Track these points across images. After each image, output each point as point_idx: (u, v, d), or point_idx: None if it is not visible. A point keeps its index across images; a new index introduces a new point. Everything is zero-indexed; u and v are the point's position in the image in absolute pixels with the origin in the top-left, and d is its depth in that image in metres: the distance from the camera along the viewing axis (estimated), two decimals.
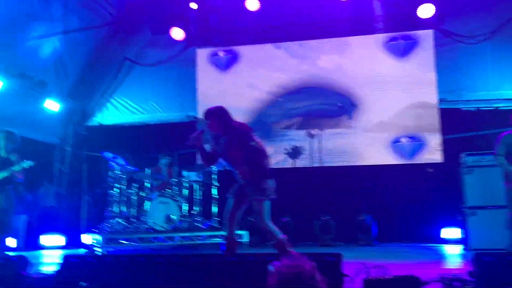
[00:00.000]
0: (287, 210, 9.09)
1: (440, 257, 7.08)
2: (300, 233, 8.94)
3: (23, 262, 3.68)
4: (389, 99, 9.64)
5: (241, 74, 10.40)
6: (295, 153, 10.02)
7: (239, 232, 8.07)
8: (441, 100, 9.40)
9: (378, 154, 9.58)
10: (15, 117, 9.32)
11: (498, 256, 3.54)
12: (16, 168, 6.16)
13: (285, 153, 10.03)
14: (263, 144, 5.10)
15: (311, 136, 10.00)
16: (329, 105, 9.98)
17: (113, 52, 11.08)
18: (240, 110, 10.16)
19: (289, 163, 9.97)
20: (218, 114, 5.07)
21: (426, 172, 9.29)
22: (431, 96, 9.40)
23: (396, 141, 9.53)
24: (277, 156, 9.90)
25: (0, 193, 6.17)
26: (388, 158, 9.51)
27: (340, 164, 9.69)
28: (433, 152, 9.31)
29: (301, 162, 9.95)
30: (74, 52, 10.51)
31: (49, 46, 9.83)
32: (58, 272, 3.63)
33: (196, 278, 3.31)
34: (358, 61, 9.96)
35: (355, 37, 10.05)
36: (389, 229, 9.04)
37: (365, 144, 9.65)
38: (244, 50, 10.49)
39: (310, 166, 9.85)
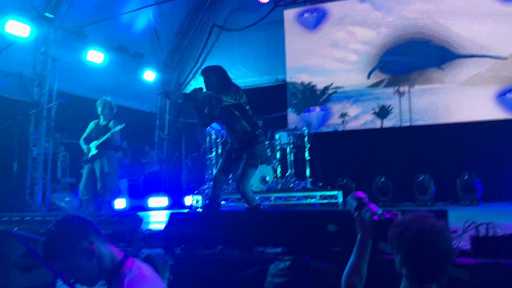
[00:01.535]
0: (383, 171, 8.84)
1: None
2: (398, 194, 8.69)
3: (136, 220, 4.00)
4: (489, 47, 8.72)
5: (328, 33, 10.07)
6: (383, 112, 9.59)
7: (333, 192, 8.07)
8: None
9: (479, 109, 8.82)
10: (116, 88, 10.00)
11: None
12: (115, 129, 6.59)
13: (372, 113, 9.64)
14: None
15: (400, 93, 9.49)
16: (418, 59, 9.30)
17: (202, 20, 11.34)
18: (328, 70, 9.95)
19: (377, 124, 9.58)
20: (216, 72, 4.85)
21: None
22: None
23: (502, 94, 8.74)
24: (364, 116, 9.58)
25: (103, 158, 6.64)
26: (493, 113, 8.76)
27: (432, 122, 9.09)
28: None
29: (389, 122, 9.49)
30: (166, 23, 10.91)
31: (143, 19, 10.30)
32: (166, 228, 3.90)
33: (293, 232, 3.38)
34: (452, 6, 9.09)
35: None
36: (495, 188, 8.43)
37: (461, 99, 8.92)
38: (331, 7, 10.12)
39: (399, 126, 9.38)
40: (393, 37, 9.50)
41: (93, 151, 6.67)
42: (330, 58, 9.97)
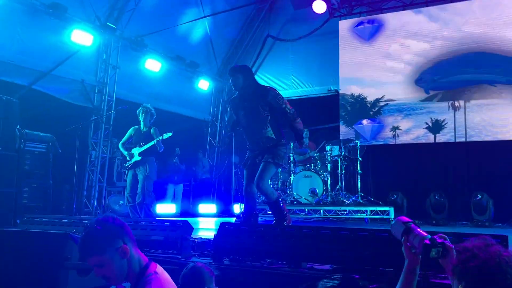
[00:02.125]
0: (437, 187, 8.54)
1: None
2: (454, 213, 8.35)
3: (187, 227, 4.08)
4: None
5: (383, 44, 9.89)
6: (436, 127, 9.26)
7: (385, 208, 7.87)
8: None
9: None
10: (172, 96, 10.31)
11: None
12: (162, 137, 6.70)
13: (425, 127, 9.34)
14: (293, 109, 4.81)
15: (455, 108, 9.13)
16: (476, 73, 8.92)
17: (257, 31, 11.48)
18: (380, 82, 9.76)
19: (430, 138, 9.26)
20: (242, 72, 4.78)
21: None
22: None
23: None
24: (416, 131, 9.30)
25: (146, 164, 6.74)
26: None
27: (489, 139, 8.67)
28: None
29: (443, 137, 9.13)
30: (221, 33, 11.12)
31: (199, 29, 10.56)
32: (215, 237, 3.95)
33: (342, 249, 3.32)
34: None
35: None
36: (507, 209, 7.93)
37: None
38: (387, 18, 9.94)
39: (454, 141, 9.01)
40: (447, 50, 9.19)
41: (136, 158, 6.78)
42: (383, 69, 9.78)
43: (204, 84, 11.15)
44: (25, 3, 7.38)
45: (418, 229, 2.01)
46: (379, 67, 9.82)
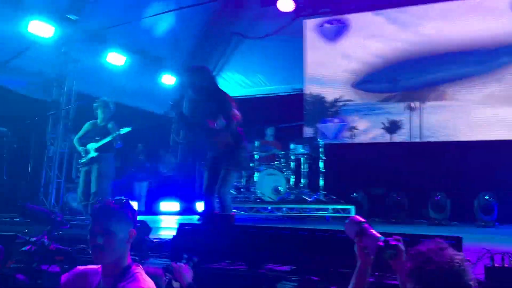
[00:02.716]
0: (397, 187, 8.72)
1: None
2: (412, 212, 8.55)
3: (145, 228, 3.99)
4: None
5: (346, 44, 10.01)
6: (393, 127, 9.48)
7: (346, 206, 7.98)
8: None
9: (493, 129, 8.65)
10: (136, 91, 10.07)
11: None
12: (120, 132, 6.48)
13: (382, 128, 9.54)
14: (240, 116, 4.80)
15: (411, 109, 9.35)
16: (433, 75, 9.19)
17: (223, 27, 11.36)
18: (340, 82, 9.91)
19: (386, 138, 9.48)
20: (202, 72, 4.77)
21: None
22: None
23: None
24: (373, 131, 9.51)
25: (102, 160, 6.51)
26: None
27: (444, 139, 8.96)
28: None
29: (399, 138, 9.38)
30: (187, 28, 10.95)
31: (164, 23, 10.36)
32: (173, 238, 3.88)
33: (301, 250, 3.32)
34: (478, 24, 8.92)
35: None
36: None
37: (475, 118, 8.77)
38: (353, 19, 10.05)
39: (408, 141, 9.27)
40: (406, 52, 9.40)
41: (92, 154, 6.54)
42: (343, 70, 9.92)
43: (169, 79, 10.96)
44: None
45: (372, 230, 2.00)
46: (341, 66, 9.94)
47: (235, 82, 11.54)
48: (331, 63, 10.05)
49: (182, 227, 3.88)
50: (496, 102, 8.68)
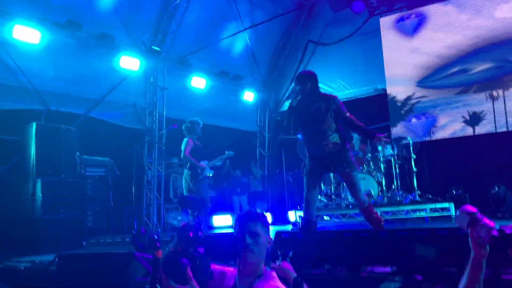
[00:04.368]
0: (498, 180, 8.15)
1: None
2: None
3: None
4: None
5: (425, 38, 9.62)
6: (475, 119, 8.87)
7: (445, 204, 7.60)
8: None
9: None
10: (219, 110, 10.49)
11: None
12: (228, 154, 6.82)
13: (462, 121, 8.97)
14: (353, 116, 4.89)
15: (494, 98, 8.69)
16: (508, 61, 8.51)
17: (297, 37, 11.49)
18: (419, 78, 9.55)
19: (468, 131, 8.90)
20: (311, 79, 4.84)
21: None
22: None
23: None
24: (453, 126, 9.02)
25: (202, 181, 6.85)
26: None
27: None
28: None
29: (483, 129, 8.75)
30: (262, 43, 11.23)
31: (240, 42, 10.72)
32: (271, 246, 3.96)
33: (404, 251, 3.25)
34: None
35: None
36: None
37: None
38: (428, 11, 9.66)
39: (494, 132, 8.62)
40: (480, 39, 8.84)
41: (210, 173, 6.97)
42: (420, 65, 9.57)
43: (249, 96, 11.27)
44: (76, 37, 7.80)
45: (485, 219, 1.89)
46: (419, 62, 9.59)
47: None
48: (410, 59, 9.73)
49: (278, 235, 3.97)
50: None
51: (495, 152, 8.65)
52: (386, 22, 10.15)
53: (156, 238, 2.14)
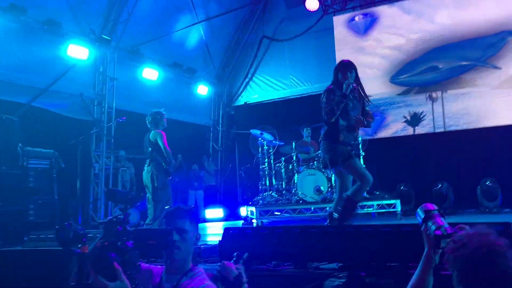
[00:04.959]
0: (443, 176, 8.50)
1: None
2: (459, 201, 8.32)
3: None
4: None
5: (375, 38, 9.89)
6: (415, 120, 9.25)
7: (391, 201, 7.84)
8: None
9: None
10: (171, 103, 10.30)
11: None
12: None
13: (404, 121, 9.34)
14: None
15: (433, 99, 9.09)
16: (450, 63, 8.98)
17: (252, 32, 11.47)
18: (368, 77, 9.80)
19: (409, 131, 9.28)
20: (355, 67, 4.91)
21: None
22: None
23: None
24: (395, 125, 9.39)
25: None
26: None
27: (467, 127, 8.73)
28: None
29: (422, 129, 9.16)
30: (217, 37, 11.13)
31: (194, 35, 10.57)
32: (220, 243, 3.94)
33: (349, 247, 3.30)
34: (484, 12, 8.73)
35: None
36: None
37: (497, 103, 8.50)
38: (381, 12, 9.91)
39: (433, 132, 9.06)
40: (422, 43, 9.25)
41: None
42: (369, 65, 9.86)
43: (202, 89, 11.16)
44: (20, 21, 7.41)
45: (438, 218, 1.99)
46: (368, 62, 9.88)
47: (268, 86, 11.59)
48: (360, 59, 9.97)
49: (227, 231, 3.94)
50: None
51: (437, 151, 9.02)
52: (339, 20, 10.31)
53: (82, 232, 2.07)
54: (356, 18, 10.16)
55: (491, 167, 8.59)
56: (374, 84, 9.75)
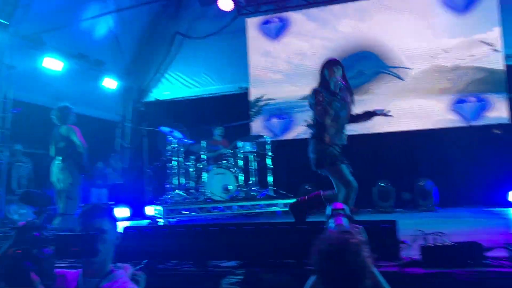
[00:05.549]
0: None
1: (506, 222, 6.73)
2: (358, 199, 8.82)
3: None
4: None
5: (291, 42, 10.21)
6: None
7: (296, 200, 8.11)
8: (508, 56, 8.76)
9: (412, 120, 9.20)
10: (77, 96, 9.76)
11: None
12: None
13: (305, 125, 9.81)
14: None
15: None
16: (352, 71, 9.51)
17: (165, 28, 11.23)
18: (275, 80, 10.15)
19: (308, 135, 9.76)
20: (342, 67, 4.77)
21: (490, 134, 8.76)
22: (496, 54, 8.78)
23: (459, 102, 9.05)
24: (297, 128, 9.89)
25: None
26: (444, 121, 9.08)
27: (366, 132, 9.15)
28: (500, 112, 8.77)
29: None
30: (128, 30, 10.74)
31: (103, 25, 10.11)
32: (119, 243, 3.80)
33: (248, 245, 3.36)
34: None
35: None
36: (451, 194, 8.69)
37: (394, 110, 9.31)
38: (295, 17, 10.23)
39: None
40: (326, 49, 9.72)
41: None
42: (277, 68, 10.22)
43: (111, 83, 10.71)
44: None
45: (340, 217, 2.09)
46: (277, 65, 10.23)
47: (180, 83, 11.45)
48: (271, 62, 10.29)
49: (126, 230, 3.82)
50: (410, 95, 9.23)
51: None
52: (253, 23, 10.48)
53: None
54: (269, 22, 10.39)
55: (386, 170, 9.23)
56: (280, 88, 10.07)
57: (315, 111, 4.69)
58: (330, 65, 4.71)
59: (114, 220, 2.29)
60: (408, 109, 9.21)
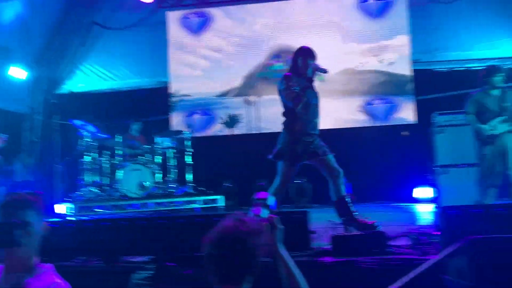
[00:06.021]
0: (262, 174, 9.09)
1: (410, 216, 7.21)
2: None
3: None
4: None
5: (211, 38, 10.17)
6: (232, 122, 9.91)
7: (215, 197, 8.10)
8: (414, 61, 9.38)
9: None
10: None
11: (462, 208, 3.59)
12: None
13: (220, 123, 9.92)
14: None
15: (249, 103, 9.82)
16: (267, 70, 9.83)
17: (80, 16, 10.63)
18: (194, 76, 10.11)
19: (226, 132, 9.90)
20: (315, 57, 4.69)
21: (397, 134, 9.34)
22: (403, 58, 9.37)
23: (368, 104, 9.55)
24: (215, 126, 9.94)
25: None
26: (355, 121, 9.53)
27: (280, 130, 9.68)
28: (407, 114, 9.38)
29: (239, 131, 9.82)
30: (38, 15, 10.05)
31: (11, 10, 9.40)
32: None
33: (160, 238, 3.28)
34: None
35: None
36: (362, 191, 9.11)
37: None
38: (216, 13, 10.19)
39: (248, 133, 9.77)
40: (244, 47, 9.92)
41: None
42: (196, 65, 10.16)
43: (19, 72, 9.97)
44: None
45: (258, 207, 2.09)
46: (196, 61, 10.15)
47: (96, 75, 10.94)
48: (190, 58, 10.20)
49: None
50: (321, 95, 9.58)
51: (255, 151, 9.63)
52: (174, 17, 10.30)
53: None
54: (190, 17, 10.27)
55: (305, 167, 9.47)
56: (200, 84, 10.00)
57: (285, 97, 4.58)
58: (304, 53, 4.67)
59: (41, 211, 2.12)
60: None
